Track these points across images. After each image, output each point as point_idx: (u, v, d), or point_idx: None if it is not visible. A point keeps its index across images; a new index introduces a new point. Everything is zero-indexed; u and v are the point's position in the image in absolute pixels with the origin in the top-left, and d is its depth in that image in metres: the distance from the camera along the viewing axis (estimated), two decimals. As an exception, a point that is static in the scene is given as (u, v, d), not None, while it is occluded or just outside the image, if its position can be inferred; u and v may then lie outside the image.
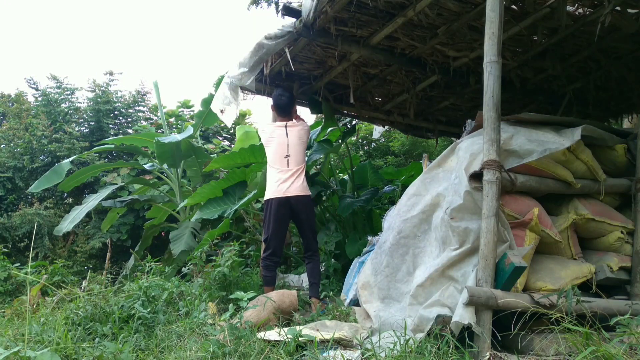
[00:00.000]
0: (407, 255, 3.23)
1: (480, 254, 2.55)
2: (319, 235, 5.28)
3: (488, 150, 2.61)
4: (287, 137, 4.21)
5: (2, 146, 10.75)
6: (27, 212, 9.23)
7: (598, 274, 3.07)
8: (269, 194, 4.13)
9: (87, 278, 4.66)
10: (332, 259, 5.14)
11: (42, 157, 10.43)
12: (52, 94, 11.23)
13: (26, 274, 4.88)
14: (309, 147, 6.03)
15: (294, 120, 4.40)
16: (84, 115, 11.40)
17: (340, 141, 5.76)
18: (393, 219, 3.48)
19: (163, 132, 8.96)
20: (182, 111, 11.78)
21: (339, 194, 5.89)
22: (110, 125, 11.47)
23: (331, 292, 4.42)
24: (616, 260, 3.12)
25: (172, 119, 11.41)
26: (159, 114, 10.16)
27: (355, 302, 3.77)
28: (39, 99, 11.50)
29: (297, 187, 4.09)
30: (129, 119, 11.91)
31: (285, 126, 4.27)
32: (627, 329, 2.19)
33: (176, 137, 6.80)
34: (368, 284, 3.43)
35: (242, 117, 11.55)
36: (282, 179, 4.10)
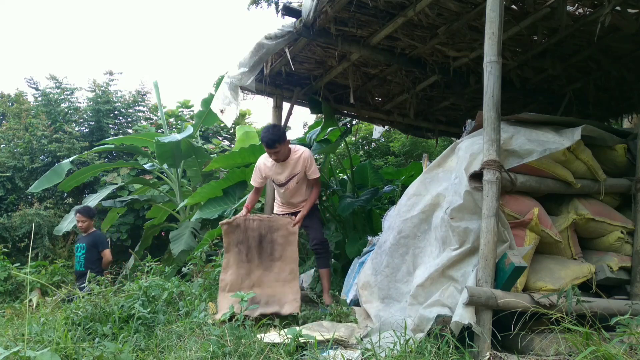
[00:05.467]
0: (407, 255, 3.23)
1: (480, 254, 2.55)
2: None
3: (488, 150, 2.61)
4: None
5: (2, 146, 10.75)
6: (27, 212, 9.23)
7: (598, 274, 3.07)
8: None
9: (87, 278, 4.66)
10: (332, 259, 5.14)
11: (42, 157, 10.43)
12: (52, 94, 11.23)
13: (26, 274, 4.88)
14: (309, 146, 6.04)
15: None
16: (84, 115, 11.41)
17: (338, 141, 5.76)
18: (393, 219, 3.48)
19: (163, 132, 8.97)
20: (182, 111, 11.79)
21: (339, 194, 5.89)
22: (110, 125, 11.47)
23: (337, 292, 4.43)
24: (616, 260, 3.12)
25: (172, 119, 11.42)
26: (159, 114, 10.17)
27: (356, 303, 3.77)
28: (39, 99, 11.50)
29: None
30: (129, 119, 11.91)
31: None
32: (627, 329, 2.19)
33: (176, 137, 6.80)
34: (368, 284, 3.43)
35: (242, 117, 11.57)
36: None
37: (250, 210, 4.28)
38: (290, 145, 4.27)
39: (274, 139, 4.04)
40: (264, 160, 4.35)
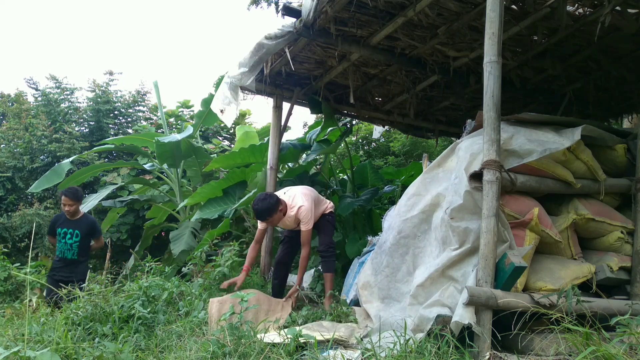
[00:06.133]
0: (407, 255, 3.23)
1: (480, 254, 2.55)
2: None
3: (488, 150, 2.61)
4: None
5: (2, 146, 10.76)
6: (27, 212, 9.22)
7: (598, 274, 3.07)
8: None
9: (87, 278, 4.65)
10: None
11: (42, 157, 10.43)
12: (52, 94, 11.23)
13: (26, 274, 4.87)
14: (309, 146, 6.03)
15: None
16: (84, 115, 11.42)
17: (338, 141, 5.76)
18: (393, 219, 3.48)
19: (163, 132, 8.97)
20: (182, 111, 11.78)
21: (339, 194, 5.89)
22: (110, 125, 11.48)
23: (337, 293, 4.43)
24: (616, 260, 3.11)
25: (172, 119, 11.42)
26: (159, 114, 10.17)
27: (356, 303, 3.77)
28: (39, 99, 11.51)
29: None
30: (129, 119, 11.92)
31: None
32: (627, 329, 2.19)
33: (176, 137, 6.80)
34: (368, 284, 3.43)
35: (242, 117, 11.57)
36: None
37: (249, 271, 4.14)
38: (286, 200, 4.10)
39: (264, 212, 3.94)
40: None
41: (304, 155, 6.40)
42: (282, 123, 5.29)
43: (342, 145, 6.46)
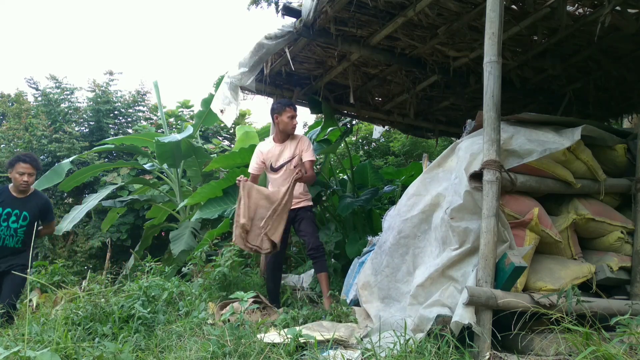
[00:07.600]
0: (407, 255, 3.23)
1: (480, 254, 2.55)
2: (320, 235, 5.28)
3: (488, 150, 2.61)
4: None
5: (2, 146, 10.76)
6: (27, 212, 9.21)
7: (598, 274, 3.07)
8: None
9: (87, 278, 4.65)
10: (332, 259, 5.14)
11: (42, 157, 10.43)
12: (52, 94, 11.23)
13: (26, 274, 4.87)
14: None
15: None
16: (84, 115, 11.42)
17: (338, 141, 5.76)
18: (393, 219, 3.48)
19: (163, 132, 8.98)
20: (182, 111, 11.79)
21: (339, 194, 5.89)
22: (110, 125, 11.48)
23: (337, 293, 4.43)
24: (616, 260, 3.11)
25: (171, 119, 11.43)
26: (158, 114, 10.17)
27: (356, 303, 3.77)
28: (39, 99, 11.51)
29: None
30: (129, 119, 11.92)
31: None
32: (627, 329, 2.19)
33: (176, 137, 6.81)
34: (368, 284, 3.43)
35: (242, 117, 11.57)
36: None
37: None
38: None
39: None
40: (263, 145, 4.43)
41: (304, 155, 6.39)
42: (282, 123, 5.27)
43: (342, 145, 6.46)
